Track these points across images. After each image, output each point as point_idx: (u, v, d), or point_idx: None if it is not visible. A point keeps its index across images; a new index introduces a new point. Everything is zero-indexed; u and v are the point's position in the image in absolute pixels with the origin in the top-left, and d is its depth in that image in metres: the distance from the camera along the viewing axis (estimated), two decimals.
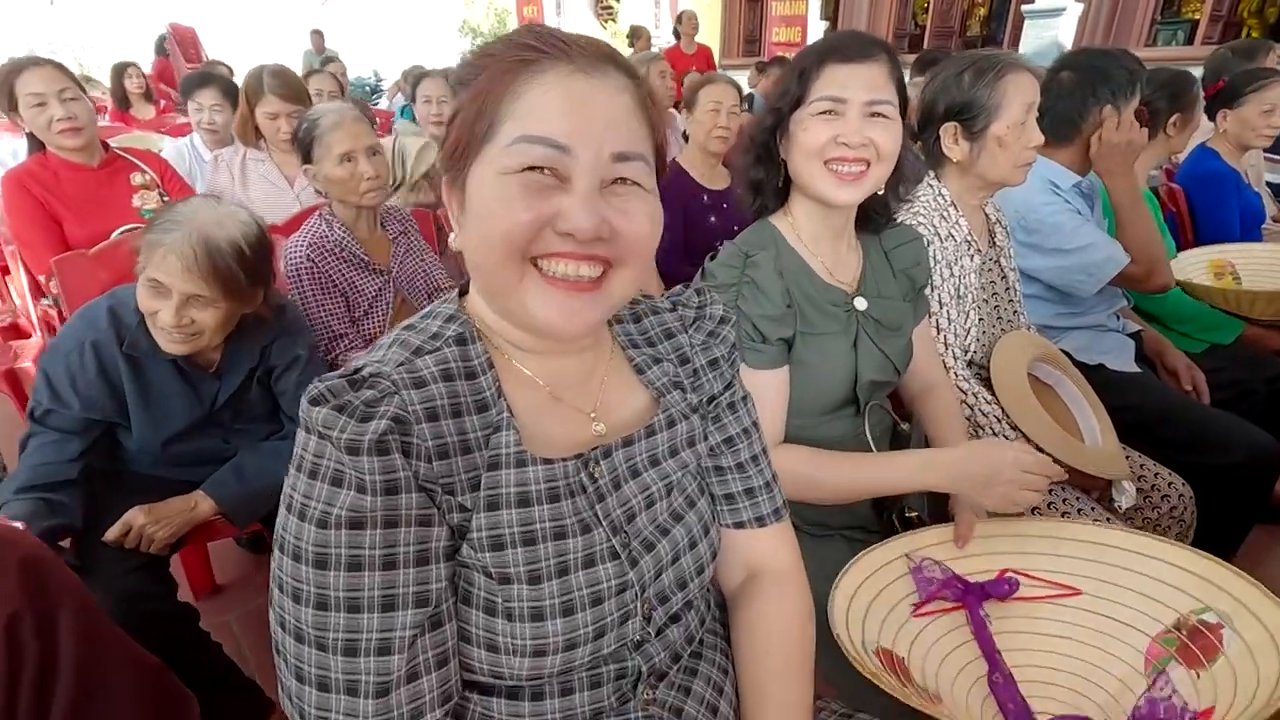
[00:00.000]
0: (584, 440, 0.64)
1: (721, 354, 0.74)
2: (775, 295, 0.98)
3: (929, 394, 1.21)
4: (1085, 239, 1.56)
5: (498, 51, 0.57)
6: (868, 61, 0.96)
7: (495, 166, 0.55)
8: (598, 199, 0.55)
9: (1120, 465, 1.25)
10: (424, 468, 0.55)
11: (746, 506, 0.75)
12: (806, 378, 1.04)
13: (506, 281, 0.56)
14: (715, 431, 0.74)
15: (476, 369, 0.60)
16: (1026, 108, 1.24)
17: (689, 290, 0.77)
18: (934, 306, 1.25)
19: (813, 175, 0.99)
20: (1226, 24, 9.03)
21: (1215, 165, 2.21)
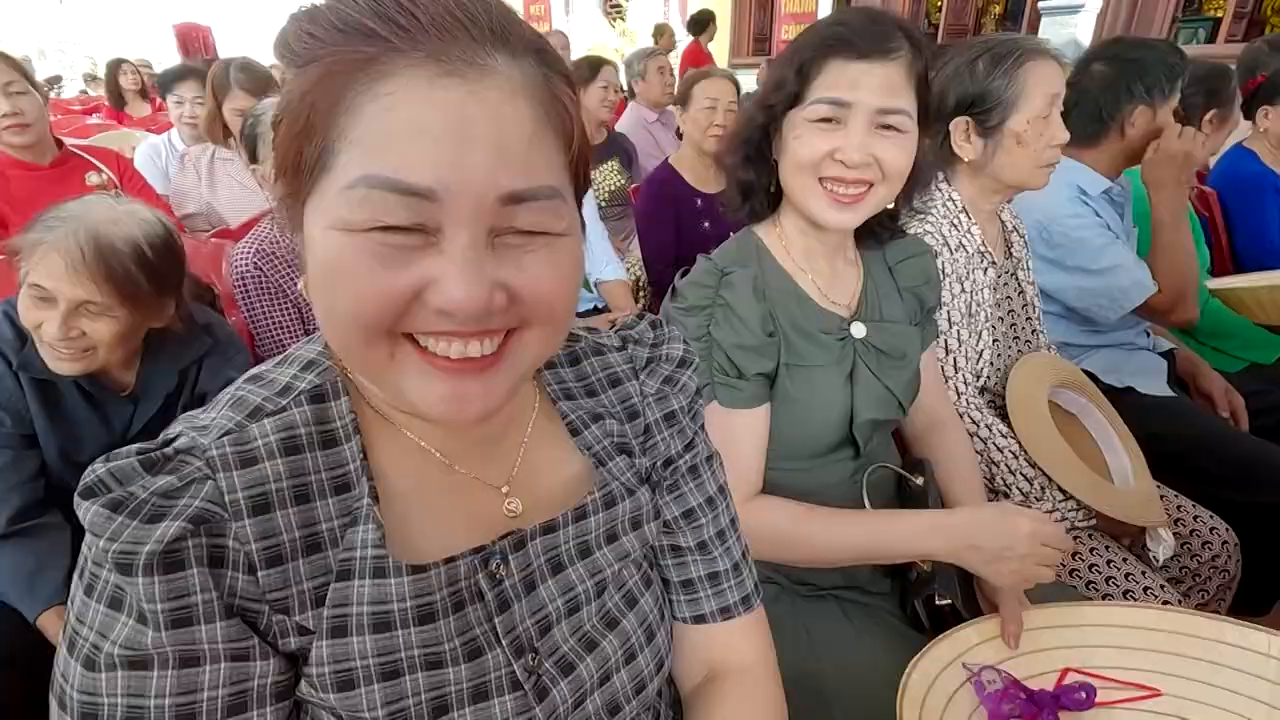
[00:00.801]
0: (491, 524, 0.49)
1: (680, 405, 0.59)
2: (753, 322, 0.83)
3: (937, 432, 1.06)
4: (1112, 259, 1.40)
5: (327, 33, 0.38)
6: (883, 58, 0.79)
7: (333, 215, 0.38)
8: (484, 260, 0.39)
9: (1156, 510, 1.10)
10: (244, 581, 0.41)
11: (709, 596, 0.60)
12: (793, 416, 0.88)
13: (372, 362, 0.41)
14: (672, 503, 0.59)
15: (337, 435, 0.46)
16: (1050, 99, 1.09)
17: (643, 323, 0.61)
18: (943, 325, 1.10)
19: (804, 191, 0.84)
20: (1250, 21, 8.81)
21: (1253, 166, 2.04)
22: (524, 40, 0.40)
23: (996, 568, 0.78)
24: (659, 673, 0.55)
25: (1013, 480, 1.10)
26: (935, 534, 0.81)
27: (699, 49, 6.22)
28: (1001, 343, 1.22)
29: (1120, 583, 1.04)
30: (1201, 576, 1.17)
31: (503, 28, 0.39)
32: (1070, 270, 1.43)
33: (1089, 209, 1.45)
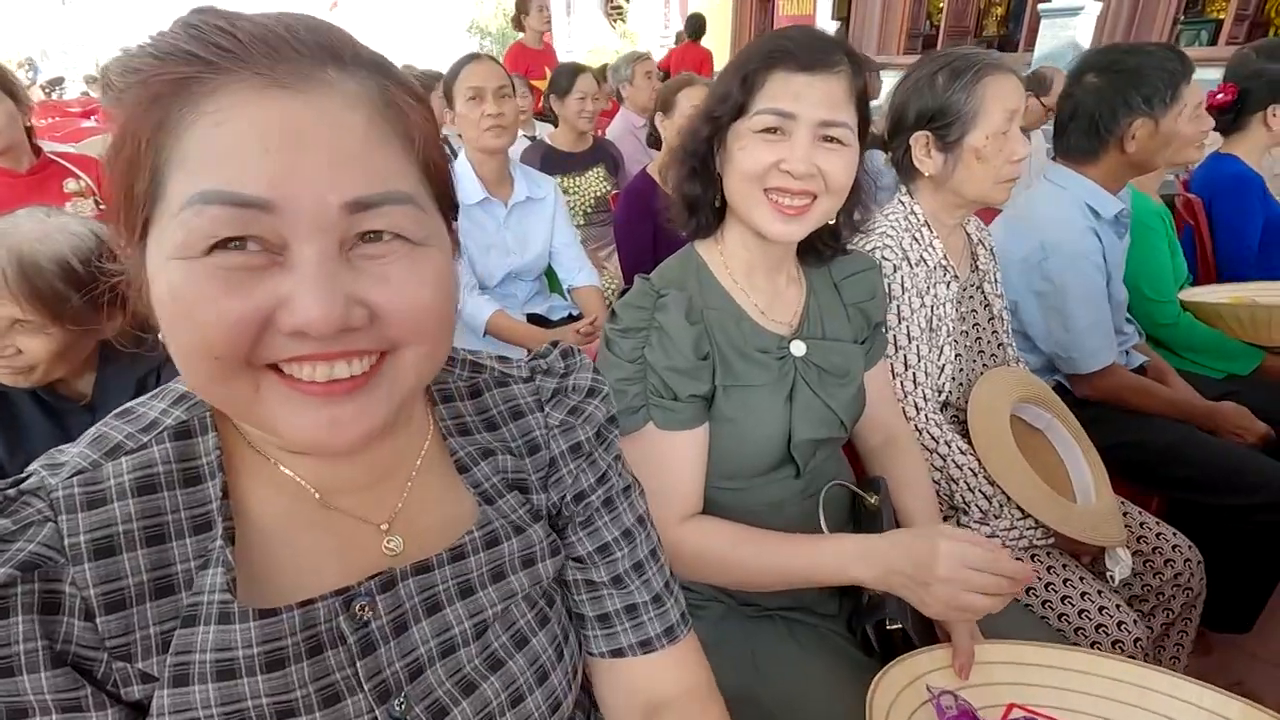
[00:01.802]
0: (367, 563, 0.48)
1: (586, 437, 0.57)
2: (685, 345, 0.82)
3: (891, 448, 1.05)
4: (1091, 318, 1.40)
5: (145, 62, 0.37)
6: (825, 72, 0.80)
7: (171, 244, 0.37)
8: (337, 273, 0.38)
9: (1115, 529, 1.09)
10: (80, 628, 0.39)
11: (627, 629, 0.58)
12: (731, 436, 0.88)
13: (236, 399, 0.40)
14: (586, 538, 0.58)
15: (201, 472, 0.44)
16: (1009, 115, 1.08)
17: (555, 352, 0.60)
18: (902, 341, 1.09)
19: (749, 203, 0.84)
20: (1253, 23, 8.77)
21: (1237, 168, 2.02)
22: (359, 56, 0.40)
23: (920, 595, 0.76)
24: (555, 713, 0.53)
25: (971, 498, 1.09)
26: (859, 561, 0.80)
27: (696, 50, 6.22)
28: (964, 357, 1.21)
29: (1076, 602, 1.03)
30: (1165, 595, 1.16)
31: (332, 45, 0.39)
32: (1049, 311, 1.42)
33: (1097, 243, 1.42)
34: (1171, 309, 1.72)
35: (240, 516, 0.45)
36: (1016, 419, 1.21)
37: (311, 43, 0.39)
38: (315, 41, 0.39)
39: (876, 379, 1.05)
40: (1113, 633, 1.00)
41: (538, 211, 1.88)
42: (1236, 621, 1.47)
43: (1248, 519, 1.34)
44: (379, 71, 0.41)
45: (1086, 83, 1.43)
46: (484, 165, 1.78)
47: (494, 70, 1.73)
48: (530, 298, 1.94)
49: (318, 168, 0.37)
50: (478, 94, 1.68)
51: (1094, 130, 1.42)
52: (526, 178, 1.87)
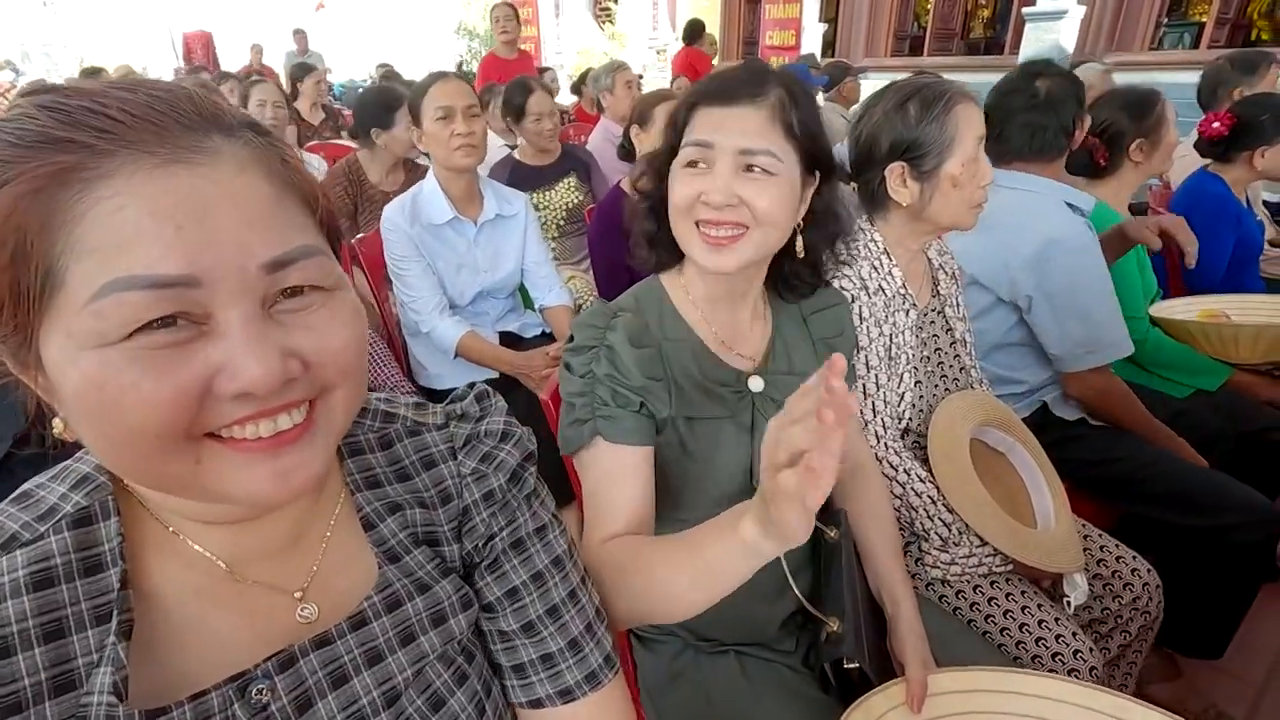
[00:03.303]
0: (281, 635, 0.48)
1: (499, 484, 0.56)
2: (630, 365, 0.81)
3: (855, 478, 1.05)
4: (1109, 309, 1.42)
5: (12, 151, 0.36)
6: (744, 103, 0.81)
7: (85, 333, 0.36)
8: (266, 329, 0.39)
9: (1072, 555, 1.09)
10: None
11: (543, 680, 0.57)
12: (693, 468, 0.88)
13: (173, 475, 0.40)
14: (494, 584, 0.57)
15: (103, 561, 0.43)
16: (978, 141, 1.09)
17: (471, 396, 0.60)
18: (861, 370, 1.10)
19: (684, 236, 0.85)
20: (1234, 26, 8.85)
21: (1218, 189, 2.04)
22: (235, 118, 0.42)
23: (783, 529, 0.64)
24: None
25: (931, 525, 1.09)
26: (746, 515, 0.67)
27: (696, 55, 6.22)
28: (925, 384, 1.21)
29: (1034, 630, 1.04)
30: (1123, 618, 1.17)
31: (211, 111, 0.40)
32: (1062, 310, 1.40)
33: (1093, 236, 1.44)
34: (1141, 325, 1.73)
35: (146, 600, 0.44)
36: (979, 442, 1.22)
37: (193, 113, 0.39)
38: (197, 111, 0.40)
39: None
40: (1068, 661, 1.01)
41: (509, 229, 1.87)
42: (1208, 648, 1.48)
43: (1220, 540, 1.35)
44: (258, 132, 0.42)
45: (1038, 88, 1.49)
46: (453, 184, 1.77)
47: (462, 89, 1.72)
48: (503, 315, 1.93)
49: (231, 236, 0.38)
50: (447, 113, 1.67)
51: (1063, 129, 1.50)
52: (496, 195, 1.86)
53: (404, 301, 1.78)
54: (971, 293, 1.48)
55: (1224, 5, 8.41)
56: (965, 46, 10.95)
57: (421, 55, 13.73)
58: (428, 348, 1.80)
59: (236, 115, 0.42)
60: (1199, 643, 1.47)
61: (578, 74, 5.87)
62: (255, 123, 0.43)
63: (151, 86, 0.40)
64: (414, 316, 1.76)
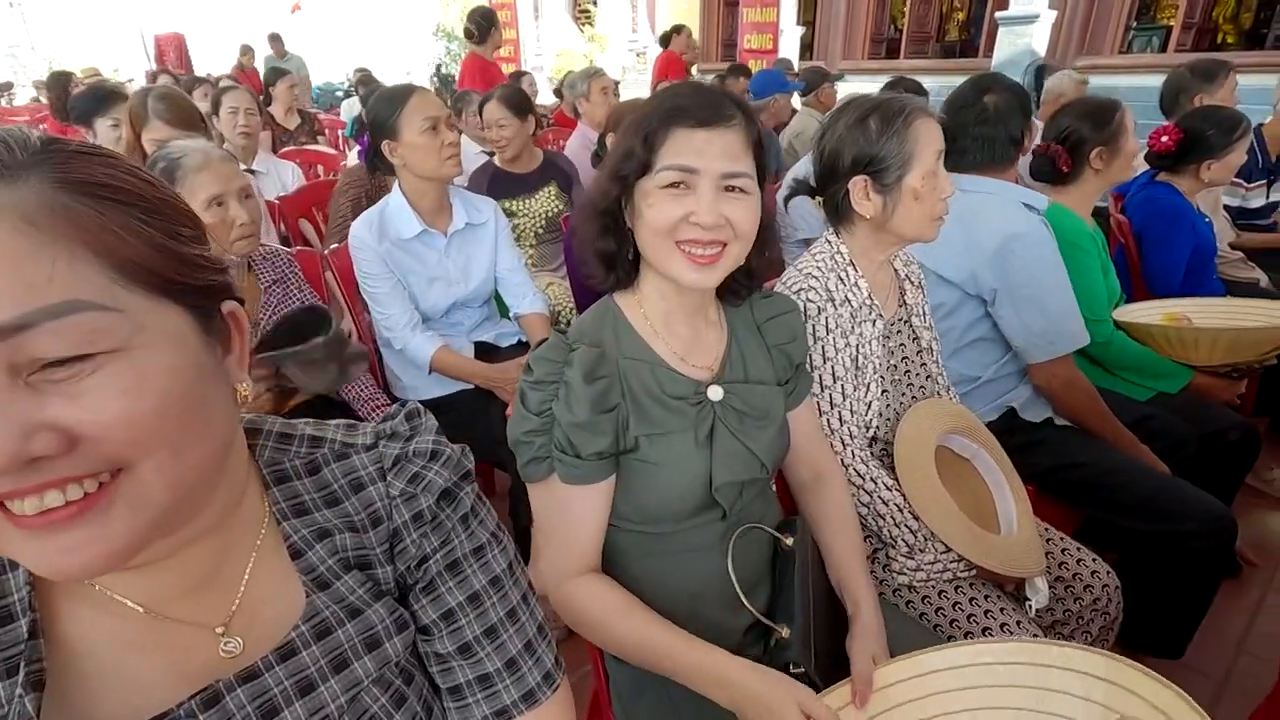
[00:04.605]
0: (204, 672, 0.47)
1: (427, 505, 0.55)
2: (583, 401, 0.83)
3: (820, 485, 1.07)
4: (1066, 301, 1.47)
5: None
6: (722, 126, 0.83)
7: None
8: (13, 401, 0.35)
9: (1034, 559, 1.12)
10: None
11: (480, 700, 0.57)
12: (654, 479, 0.89)
13: None
14: (429, 606, 0.56)
15: (12, 610, 0.43)
16: (937, 155, 1.12)
17: (401, 414, 0.59)
18: (827, 380, 1.12)
19: (662, 255, 0.86)
20: (1200, 30, 9.04)
21: (1174, 198, 2.09)
22: (19, 157, 0.37)
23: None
24: None
25: (898, 532, 1.11)
26: (721, 685, 0.83)
27: (673, 58, 6.24)
28: (892, 393, 1.23)
29: (996, 632, 1.06)
30: (1084, 619, 1.20)
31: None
32: (1023, 302, 1.46)
33: (1049, 233, 1.49)
34: (1105, 328, 1.78)
35: (59, 648, 0.44)
36: (945, 449, 1.24)
37: None
38: None
39: (803, 418, 1.07)
40: None
41: (479, 238, 1.86)
42: (1169, 647, 1.53)
43: (1180, 545, 1.40)
44: (48, 170, 0.38)
45: (987, 102, 1.57)
46: (423, 197, 1.76)
47: (438, 100, 1.72)
48: (478, 325, 1.92)
49: None
50: (434, 124, 1.66)
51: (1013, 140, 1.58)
52: (465, 204, 1.85)
53: (376, 319, 1.77)
54: (940, 290, 1.52)
55: (1190, 10, 8.60)
56: (941, 49, 11.09)
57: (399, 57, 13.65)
58: (402, 360, 1.80)
59: (21, 151, 0.38)
60: (1160, 642, 1.51)
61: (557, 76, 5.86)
62: (55, 158, 0.38)
63: None
64: (386, 334, 1.75)
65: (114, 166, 0.41)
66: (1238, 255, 2.58)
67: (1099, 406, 1.53)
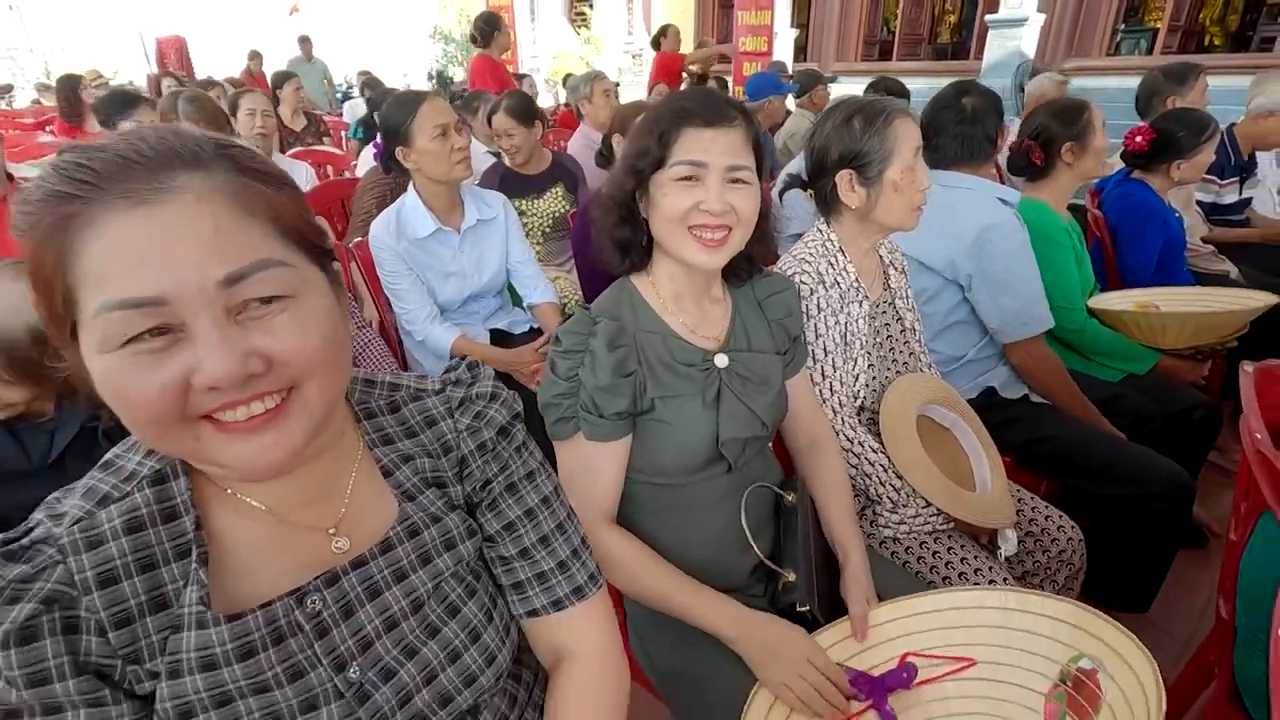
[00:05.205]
0: (320, 562, 0.60)
1: (490, 436, 0.68)
2: (606, 367, 0.96)
3: (816, 450, 1.20)
4: (1035, 287, 1.61)
5: (37, 205, 0.46)
6: (726, 126, 0.95)
7: (95, 341, 0.46)
8: (231, 336, 0.47)
9: (1005, 513, 1.25)
10: (97, 643, 0.51)
11: (538, 593, 0.70)
12: (666, 436, 1.02)
13: (182, 448, 0.50)
14: (493, 519, 0.69)
15: (177, 510, 0.55)
16: (915, 151, 1.24)
17: (463, 365, 0.72)
18: (819, 354, 1.24)
19: (676, 240, 0.98)
20: (1187, 33, 9.20)
21: (1147, 196, 2.23)
22: (207, 152, 0.49)
23: (769, 665, 0.93)
24: (490, 666, 0.64)
25: (883, 490, 1.24)
26: (731, 624, 0.96)
27: (669, 57, 6.36)
28: (877, 367, 1.36)
29: (971, 577, 1.19)
30: (1051, 569, 1.33)
31: (178, 150, 0.48)
32: (997, 288, 1.59)
33: (1021, 225, 1.62)
34: (1079, 316, 1.91)
35: (213, 541, 0.56)
36: (926, 418, 1.37)
37: (154, 154, 0.47)
38: (159, 151, 0.47)
39: (800, 388, 1.19)
40: None
41: (490, 232, 1.98)
42: (1136, 601, 1.66)
43: (1143, 507, 1.53)
44: (231, 163, 0.49)
45: (965, 104, 1.71)
46: (437, 197, 1.87)
47: (447, 106, 1.84)
48: (493, 314, 2.05)
49: (190, 260, 0.46)
50: (444, 130, 1.78)
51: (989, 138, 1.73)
52: (475, 200, 1.96)
53: (398, 313, 1.90)
54: (922, 277, 1.65)
55: (1176, 12, 8.75)
56: (933, 51, 11.24)
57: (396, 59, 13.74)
58: (424, 348, 1.92)
59: (208, 147, 0.49)
60: (1128, 598, 1.64)
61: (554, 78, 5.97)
62: (231, 153, 0.50)
63: (135, 132, 0.48)
64: (408, 326, 1.88)
65: (263, 159, 0.54)
66: (1209, 249, 2.72)
67: (1068, 382, 1.67)
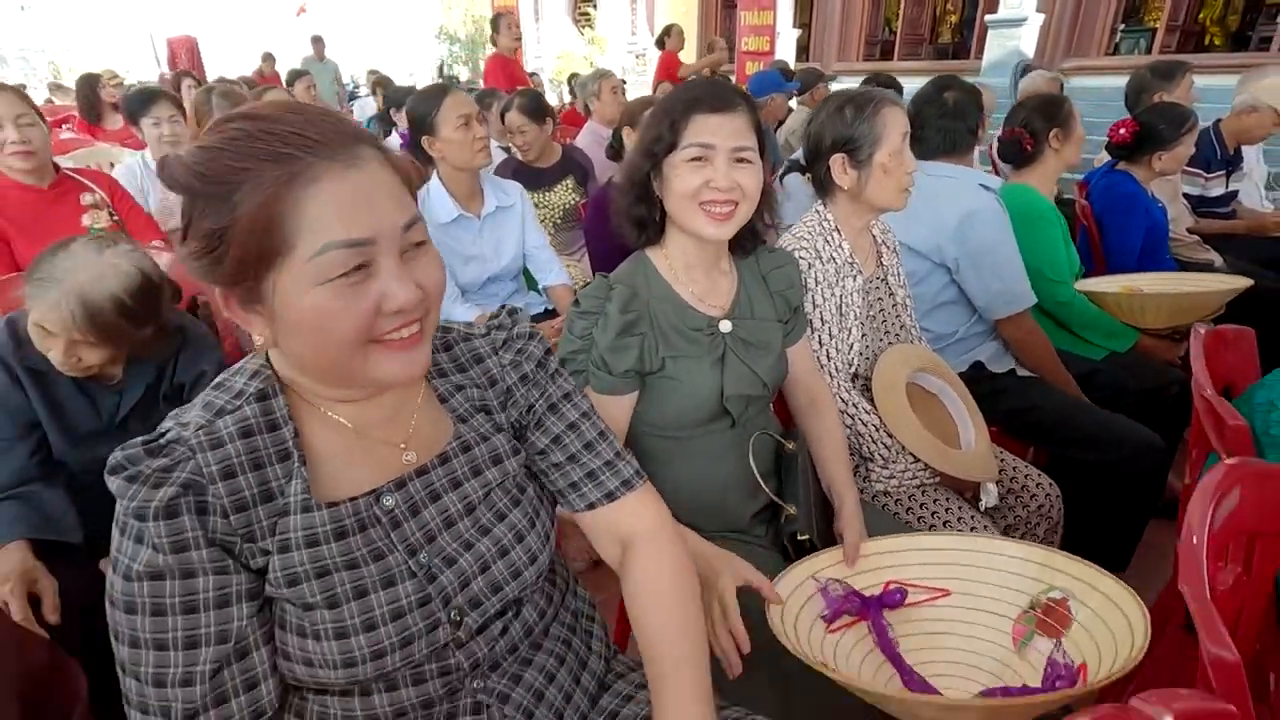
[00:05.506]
0: (393, 469, 0.71)
1: (529, 369, 0.80)
2: (615, 328, 1.08)
3: (813, 409, 1.31)
4: (1018, 269, 1.74)
5: (257, 163, 0.56)
6: (731, 111, 1.06)
7: (310, 277, 0.57)
8: (404, 270, 0.61)
9: (987, 469, 1.36)
10: (220, 524, 0.62)
11: (591, 489, 0.82)
12: (676, 392, 1.14)
13: (352, 367, 0.62)
14: (541, 435, 0.81)
15: (278, 421, 0.66)
16: (902, 136, 1.36)
17: (504, 312, 0.84)
18: (817, 324, 1.36)
19: (688, 215, 1.09)
20: (1187, 32, 9.25)
21: (1130, 187, 2.34)
22: (365, 134, 0.63)
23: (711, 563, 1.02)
24: (532, 565, 0.75)
25: (875, 448, 1.36)
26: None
27: (673, 59, 6.47)
28: (870, 337, 1.48)
29: (955, 526, 1.31)
30: (1031, 523, 1.44)
31: (353, 130, 0.61)
32: (983, 269, 1.72)
33: (1002, 208, 1.74)
34: (1067, 289, 2.03)
35: (307, 448, 0.68)
36: (916, 386, 1.49)
37: (344, 133, 0.60)
38: (344, 131, 0.60)
39: (800, 353, 1.31)
40: None
41: (508, 219, 2.11)
42: (1114, 561, 1.78)
43: (1119, 470, 1.64)
44: (374, 144, 0.62)
45: (947, 99, 1.83)
46: (460, 184, 2.00)
47: (469, 99, 1.97)
48: (510, 295, 2.17)
49: (386, 210, 0.60)
50: (466, 120, 1.90)
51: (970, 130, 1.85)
52: (495, 189, 2.09)
53: None
54: (913, 261, 1.77)
55: (1174, 12, 8.82)
56: (934, 51, 11.31)
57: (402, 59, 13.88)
58: None
59: (364, 135, 0.62)
60: (1105, 558, 1.75)
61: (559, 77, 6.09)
62: (370, 138, 0.62)
63: (317, 113, 0.60)
64: None
65: None
66: (1194, 239, 2.83)
67: (1053, 355, 1.80)
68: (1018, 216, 1.91)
